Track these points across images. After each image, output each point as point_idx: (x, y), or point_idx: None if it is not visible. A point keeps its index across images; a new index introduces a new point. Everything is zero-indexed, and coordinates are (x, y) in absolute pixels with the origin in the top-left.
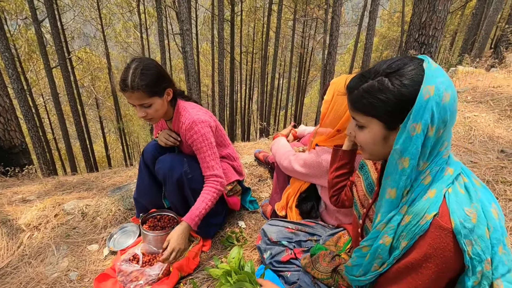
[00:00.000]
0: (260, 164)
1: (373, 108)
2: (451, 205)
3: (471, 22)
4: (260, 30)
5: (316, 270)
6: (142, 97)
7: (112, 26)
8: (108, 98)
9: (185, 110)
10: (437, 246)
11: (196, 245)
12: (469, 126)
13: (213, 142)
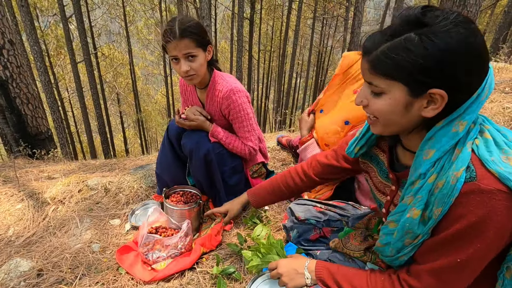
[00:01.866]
0: (283, 149)
1: (399, 70)
2: (485, 160)
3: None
4: (279, 29)
5: (347, 249)
6: (189, 46)
7: (135, 23)
8: (129, 93)
9: (222, 79)
10: (489, 210)
11: (218, 223)
12: (509, 116)
13: (250, 113)
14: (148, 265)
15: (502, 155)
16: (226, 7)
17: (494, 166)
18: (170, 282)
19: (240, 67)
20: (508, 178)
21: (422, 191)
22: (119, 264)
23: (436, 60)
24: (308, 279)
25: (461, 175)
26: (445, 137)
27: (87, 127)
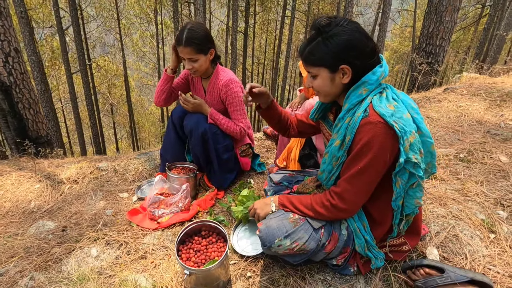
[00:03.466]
0: (268, 138)
1: (319, 60)
2: (375, 106)
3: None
4: (272, 42)
5: (304, 187)
6: (191, 53)
7: (130, 35)
8: (123, 104)
9: (223, 71)
10: (373, 134)
11: (212, 192)
12: (460, 113)
13: (242, 100)
14: (154, 220)
15: (388, 103)
16: (221, 21)
17: (379, 109)
18: (172, 229)
19: None
20: (384, 115)
21: (341, 128)
22: (130, 220)
23: (335, 51)
24: (273, 206)
25: (360, 115)
26: (354, 96)
27: (80, 138)
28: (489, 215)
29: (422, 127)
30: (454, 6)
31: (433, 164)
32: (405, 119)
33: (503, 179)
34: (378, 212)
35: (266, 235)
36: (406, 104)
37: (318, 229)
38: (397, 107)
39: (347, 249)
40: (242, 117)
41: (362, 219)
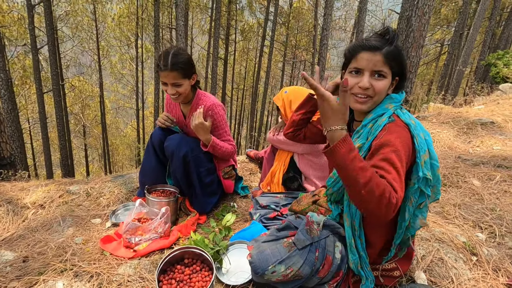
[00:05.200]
0: (251, 161)
1: (396, 64)
2: (400, 115)
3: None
4: (252, 69)
5: (298, 204)
6: (177, 77)
7: (109, 57)
8: (96, 126)
9: (205, 96)
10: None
11: (193, 217)
12: (432, 139)
13: (226, 122)
14: (130, 248)
15: (410, 118)
16: (202, 47)
17: (404, 118)
18: (150, 257)
19: None
20: (410, 124)
21: (363, 133)
22: (103, 249)
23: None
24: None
25: (385, 120)
26: (380, 108)
27: (48, 160)
28: (469, 238)
29: (431, 149)
30: (419, 43)
31: (438, 189)
32: (421, 137)
33: (478, 202)
34: (371, 233)
35: (259, 261)
36: (420, 126)
37: (308, 250)
38: (417, 124)
39: (340, 273)
40: (230, 137)
41: (361, 235)
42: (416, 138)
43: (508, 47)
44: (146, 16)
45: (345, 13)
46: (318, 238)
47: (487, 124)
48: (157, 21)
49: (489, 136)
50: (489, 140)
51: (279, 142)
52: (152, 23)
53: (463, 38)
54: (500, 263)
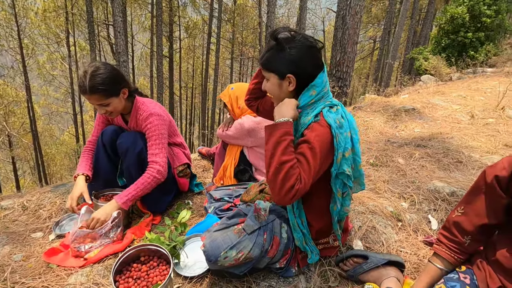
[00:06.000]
0: (204, 158)
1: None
2: (325, 115)
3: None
4: (200, 67)
5: (248, 194)
6: (100, 99)
7: (35, 57)
8: (25, 135)
9: (143, 104)
10: (320, 130)
11: (147, 218)
12: (367, 126)
13: (163, 133)
14: (80, 257)
15: (336, 117)
16: (144, 45)
17: (328, 118)
18: (104, 262)
19: (160, 102)
20: (331, 124)
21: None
22: (48, 262)
23: (285, 62)
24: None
25: (311, 119)
26: (305, 96)
27: None
28: (396, 207)
29: (356, 147)
30: (354, 40)
31: (362, 181)
32: (345, 136)
33: (402, 177)
34: (311, 217)
35: (211, 249)
36: (351, 124)
37: (257, 234)
38: (343, 124)
39: (288, 251)
40: (161, 151)
41: (301, 216)
42: (336, 137)
43: (426, 43)
44: (77, 11)
45: (287, 10)
46: (265, 222)
47: (410, 110)
48: (90, 17)
49: (411, 121)
50: (411, 124)
51: (228, 137)
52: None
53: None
54: (419, 225)
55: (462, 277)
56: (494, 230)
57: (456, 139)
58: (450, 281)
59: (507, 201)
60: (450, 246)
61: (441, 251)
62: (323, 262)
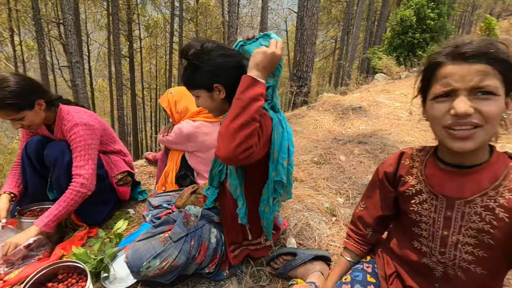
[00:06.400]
0: (151, 164)
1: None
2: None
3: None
4: (163, 67)
5: (181, 199)
6: (10, 114)
7: None
8: None
9: (68, 114)
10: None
11: (82, 231)
12: (317, 125)
13: (91, 144)
14: None
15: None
16: (101, 45)
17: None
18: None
19: (121, 105)
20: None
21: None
22: None
23: (206, 75)
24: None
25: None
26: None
27: None
28: (332, 203)
29: (291, 158)
30: (312, 40)
31: (290, 190)
32: (284, 146)
33: (341, 174)
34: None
35: (133, 259)
36: (289, 135)
37: (184, 241)
38: (281, 135)
39: (217, 255)
40: (86, 163)
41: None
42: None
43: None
44: (22, 8)
45: (251, 10)
46: (194, 229)
47: (357, 109)
48: (37, 14)
49: (357, 119)
50: (357, 122)
51: (168, 143)
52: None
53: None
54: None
55: (365, 266)
56: (389, 221)
57: (393, 135)
58: (355, 271)
59: (394, 194)
60: (356, 239)
61: (349, 244)
62: (253, 264)
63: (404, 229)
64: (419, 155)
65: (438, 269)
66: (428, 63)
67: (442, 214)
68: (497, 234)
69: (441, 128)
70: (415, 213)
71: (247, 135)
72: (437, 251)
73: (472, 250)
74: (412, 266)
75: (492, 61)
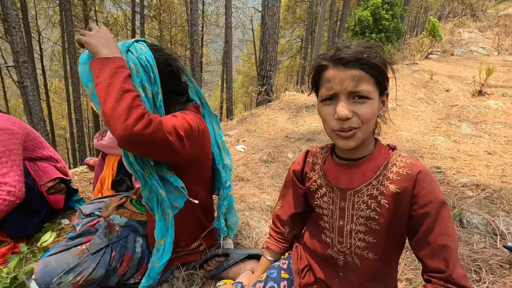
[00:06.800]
0: (92, 170)
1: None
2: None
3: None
4: None
5: (106, 210)
6: None
7: None
8: None
9: None
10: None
11: (6, 247)
12: (271, 123)
13: (12, 149)
14: None
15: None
16: (55, 43)
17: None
18: None
19: (79, 108)
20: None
21: None
22: None
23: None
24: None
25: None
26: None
27: None
28: (274, 201)
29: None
30: (274, 39)
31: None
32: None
33: (287, 171)
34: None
35: (42, 276)
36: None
37: (103, 252)
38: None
39: (143, 265)
40: (11, 169)
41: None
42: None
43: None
44: None
45: (216, 8)
46: (117, 239)
47: (310, 106)
48: None
49: (310, 116)
50: (310, 119)
51: (103, 147)
52: None
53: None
54: None
55: (282, 263)
56: (306, 218)
57: None
58: (272, 268)
59: (303, 191)
60: (275, 237)
61: (270, 243)
62: (184, 268)
63: (314, 223)
64: (321, 152)
65: (340, 258)
66: (316, 65)
67: (337, 205)
68: (381, 220)
69: (330, 131)
70: (318, 207)
71: (130, 107)
72: (337, 240)
73: (363, 237)
74: (320, 257)
75: (365, 66)
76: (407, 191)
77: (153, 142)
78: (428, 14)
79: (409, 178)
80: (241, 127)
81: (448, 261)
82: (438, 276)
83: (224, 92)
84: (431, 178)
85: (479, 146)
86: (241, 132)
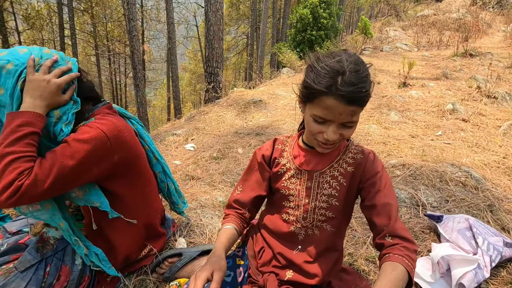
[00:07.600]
0: None
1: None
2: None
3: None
4: None
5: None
6: None
7: None
8: None
9: None
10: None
11: None
12: (220, 120)
13: None
14: None
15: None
16: None
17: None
18: None
19: None
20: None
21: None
22: None
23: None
24: None
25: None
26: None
27: None
28: (226, 196)
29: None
30: (219, 36)
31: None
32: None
33: (238, 166)
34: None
35: None
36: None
37: (35, 269)
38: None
39: (85, 277)
40: None
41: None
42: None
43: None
44: None
45: (156, 3)
46: (52, 252)
47: (257, 102)
48: None
49: (258, 112)
50: (258, 114)
51: None
52: None
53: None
54: None
55: (236, 251)
56: (261, 203)
57: (287, 125)
58: (227, 258)
59: (269, 174)
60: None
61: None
62: (139, 272)
63: (275, 205)
64: (288, 140)
65: (302, 233)
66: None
67: (304, 185)
68: (340, 196)
69: (313, 138)
70: (285, 188)
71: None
72: (301, 217)
73: (325, 212)
74: (281, 236)
75: (362, 103)
76: (359, 170)
77: (33, 199)
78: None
79: (361, 160)
80: (189, 126)
81: (390, 216)
82: (384, 231)
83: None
84: (375, 157)
85: (404, 131)
86: (190, 130)
